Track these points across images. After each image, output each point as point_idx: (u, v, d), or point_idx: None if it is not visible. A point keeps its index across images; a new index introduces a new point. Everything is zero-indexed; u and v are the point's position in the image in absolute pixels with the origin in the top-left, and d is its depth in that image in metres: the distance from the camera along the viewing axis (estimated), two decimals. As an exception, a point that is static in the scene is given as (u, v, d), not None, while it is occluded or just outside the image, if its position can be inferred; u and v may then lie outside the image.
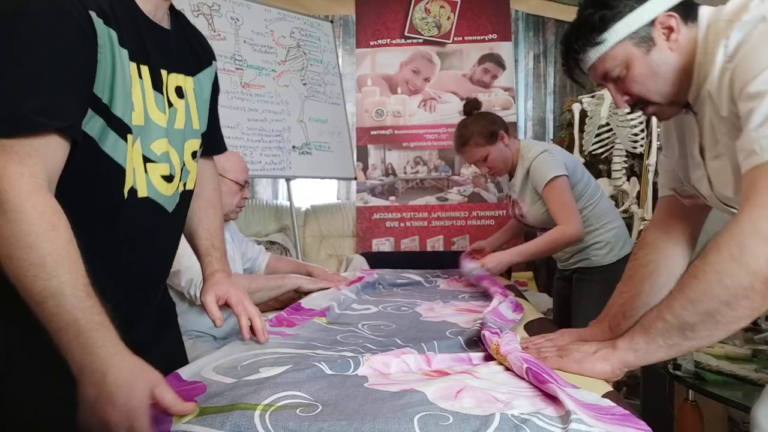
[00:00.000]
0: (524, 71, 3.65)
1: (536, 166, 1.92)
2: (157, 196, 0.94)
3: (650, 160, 2.63)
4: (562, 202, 1.86)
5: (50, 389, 0.85)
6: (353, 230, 3.36)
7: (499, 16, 3.33)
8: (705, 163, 1.00)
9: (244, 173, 1.89)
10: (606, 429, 0.66)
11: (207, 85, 1.08)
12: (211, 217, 1.15)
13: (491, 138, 1.96)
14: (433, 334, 1.20)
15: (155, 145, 0.91)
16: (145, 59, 0.89)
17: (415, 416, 0.68)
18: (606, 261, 1.99)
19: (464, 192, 3.29)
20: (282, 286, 1.79)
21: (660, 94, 0.98)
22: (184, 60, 1.00)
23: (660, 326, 0.85)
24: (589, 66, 1.01)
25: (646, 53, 0.96)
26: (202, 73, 1.06)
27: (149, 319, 1.04)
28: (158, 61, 0.92)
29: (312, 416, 0.70)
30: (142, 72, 0.88)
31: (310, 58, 3.20)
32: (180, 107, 0.98)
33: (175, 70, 0.97)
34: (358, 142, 3.34)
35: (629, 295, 1.15)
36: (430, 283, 2.10)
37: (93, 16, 0.79)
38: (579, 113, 2.93)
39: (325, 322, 1.32)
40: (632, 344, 0.89)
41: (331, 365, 0.88)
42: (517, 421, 0.66)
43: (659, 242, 1.17)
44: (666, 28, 0.95)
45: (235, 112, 2.79)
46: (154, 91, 0.91)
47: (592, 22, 0.96)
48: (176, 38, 0.99)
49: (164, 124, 0.93)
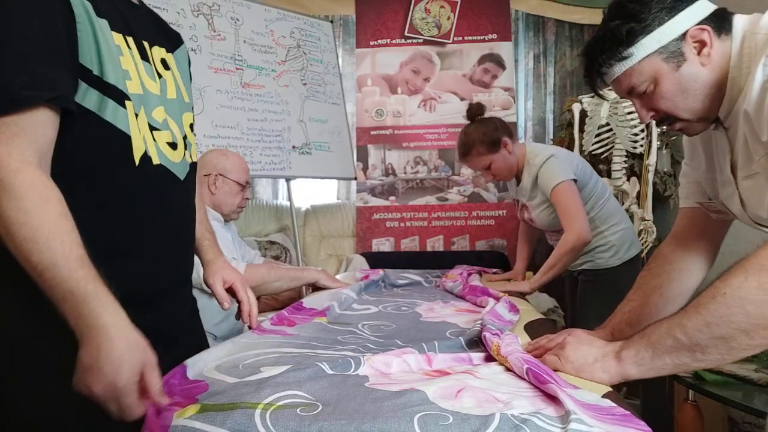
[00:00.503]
0: (524, 71, 3.65)
1: (544, 172, 1.91)
2: (168, 163, 0.96)
3: (650, 160, 2.64)
4: (567, 207, 1.86)
5: (50, 389, 0.85)
6: (353, 230, 3.36)
7: (499, 16, 3.34)
8: (736, 181, 0.95)
9: (246, 174, 1.89)
10: (606, 429, 0.66)
11: (184, 61, 1.09)
12: (198, 203, 1.15)
13: (494, 146, 1.94)
14: (433, 335, 1.20)
15: (155, 112, 0.93)
16: (129, 30, 0.90)
17: (415, 416, 0.68)
18: (611, 264, 1.98)
19: (464, 192, 3.29)
20: (301, 278, 1.79)
21: (689, 111, 0.93)
22: (161, 35, 1.02)
23: (669, 344, 0.81)
24: (614, 80, 0.95)
25: (675, 69, 0.90)
26: (178, 50, 1.07)
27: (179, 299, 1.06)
28: (139, 33, 0.93)
29: (312, 415, 0.70)
30: (129, 42, 0.89)
31: (310, 58, 3.20)
32: (168, 78, 0.99)
33: (156, 43, 0.99)
34: (358, 142, 3.34)
35: (636, 304, 1.12)
36: (430, 283, 2.10)
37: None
38: (579, 113, 2.93)
39: (325, 321, 1.32)
40: (637, 358, 0.85)
41: (332, 365, 0.88)
42: (517, 421, 0.67)
43: (675, 255, 1.13)
44: (698, 42, 0.89)
45: (235, 112, 2.79)
46: (142, 61, 0.92)
47: (619, 35, 0.90)
48: (148, 14, 1.01)
49: (158, 93, 0.95)
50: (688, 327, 0.79)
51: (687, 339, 0.79)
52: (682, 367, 0.82)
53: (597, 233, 1.98)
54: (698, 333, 0.78)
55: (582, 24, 3.54)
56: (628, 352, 0.86)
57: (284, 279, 1.75)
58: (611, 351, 0.89)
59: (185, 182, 1.02)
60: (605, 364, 0.87)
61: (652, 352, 0.83)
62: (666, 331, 0.82)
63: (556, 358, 0.92)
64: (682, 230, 1.14)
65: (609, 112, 2.71)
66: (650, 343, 0.84)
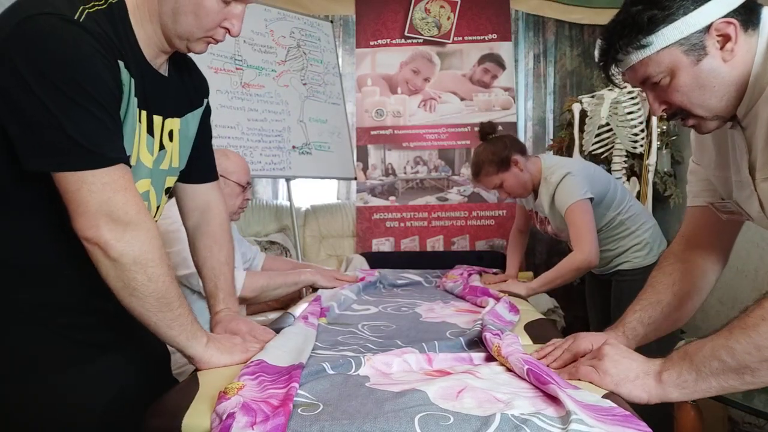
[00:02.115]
0: (524, 71, 3.65)
1: (560, 191, 1.91)
2: None
3: (650, 160, 2.64)
4: (579, 228, 1.85)
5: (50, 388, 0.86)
6: (353, 230, 3.36)
7: (499, 16, 3.34)
8: (755, 183, 0.91)
9: (247, 175, 1.89)
10: (606, 429, 0.66)
11: (194, 124, 1.11)
12: (215, 254, 1.18)
13: (503, 165, 1.94)
14: (433, 335, 1.20)
15: (139, 184, 0.95)
16: (145, 105, 0.93)
17: (416, 416, 0.68)
18: (647, 262, 1.97)
19: (464, 192, 3.29)
20: (298, 282, 1.86)
21: (704, 107, 0.88)
22: (177, 103, 1.04)
23: (715, 366, 0.78)
24: (629, 67, 0.90)
25: (695, 62, 0.84)
26: (191, 113, 1.09)
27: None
28: (155, 107, 0.97)
29: (313, 415, 0.70)
30: (142, 117, 0.93)
31: (310, 58, 3.20)
32: (170, 150, 1.03)
33: (172, 114, 1.02)
34: (358, 142, 3.34)
35: (648, 303, 1.09)
36: (430, 283, 2.10)
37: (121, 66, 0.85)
38: (579, 113, 2.93)
39: (325, 322, 1.32)
40: (679, 380, 0.81)
41: (333, 365, 0.88)
42: (517, 421, 0.67)
43: (686, 254, 1.11)
44: (722, 36, 0.83)
45: (235, 112, 2.79)
46: (147, 135, 0.96)
47: (640, 22, 0.85)
48: (173, 84, 1.03)
49: (150, 165, 0.98)
50: (736, 350, 0.76)
51: (735, 362, 0.77)
52: (728, 390, 0.79)
53: (630, 233, 1.99)
54: (747, 356, 0.76)
55: (582, 24, 3.54)
56: (669, 374, 0.83)
57: (283, 286, 1.82)
58: (652, 371, 0.85)
59: None
60: (646, 383, 0.84)
61: (696, 375, 0.80)
62: (710, 353, 0.79)
63: (592, 369, 0.88)
64: (693, 229, 1.12)
65: (609, 112, 2.71)
66: (693, 366, 0.81)
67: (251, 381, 0.80)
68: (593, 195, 1.90)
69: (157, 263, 0.85)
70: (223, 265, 1.18)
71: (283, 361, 0.88)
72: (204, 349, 0.94)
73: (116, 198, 0.82)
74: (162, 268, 0.86)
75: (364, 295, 1.77)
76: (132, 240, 0.82)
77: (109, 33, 0.84)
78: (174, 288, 0.88)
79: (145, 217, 0.85)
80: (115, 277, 0.83)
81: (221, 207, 1.22)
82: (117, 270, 0.82)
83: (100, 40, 0.81)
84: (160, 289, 0.85)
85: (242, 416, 0.68)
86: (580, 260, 1.83)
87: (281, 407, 0.69)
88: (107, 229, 0.81)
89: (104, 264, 0.82)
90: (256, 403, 0.72)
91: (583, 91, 3.30)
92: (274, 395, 0.74)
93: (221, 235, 1.20)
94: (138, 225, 0.83)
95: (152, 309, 0.86)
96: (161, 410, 0.79)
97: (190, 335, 0.92)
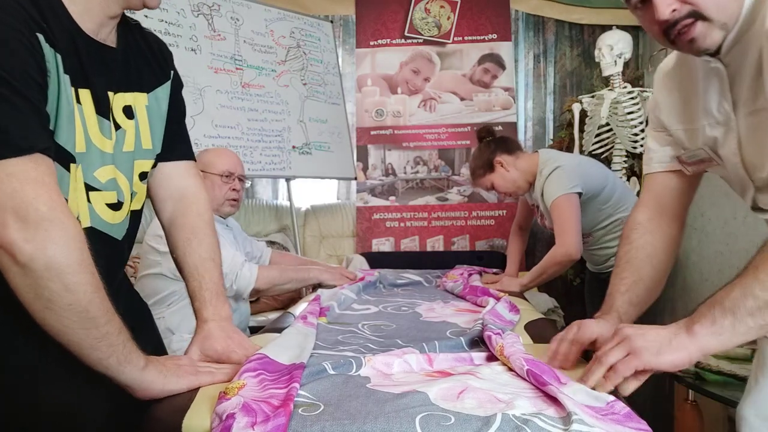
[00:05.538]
0: (524, 71, 3.65)
1: (548, 184, 1.93)
2: (103, 225, 0.91)
3: (650, 160, 2.63)
4: (562, 222, 1.87)
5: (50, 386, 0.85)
6: (353, 230, 3.36)
7: (499, 16, 3.33)
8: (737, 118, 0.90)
9: (227, 163, 1.84)
10: (607, 429, 0.66)
11: (164, 99, 1.02)
12: (195, 249, 1.05)
13: (489, 167, 2.04)
14: (433, 335, 1.20)
15: (99, 172, 0.88)
16: (85, 83, 0.84)
17: (417, 416, 0.68)
18: None
19: (464, 192, 3.29)
20: (307, 279, 1.91)
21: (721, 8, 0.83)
22: (134, 77, 0.96)
23: (750, 305, 0.76)
24: None
25: None
26: (159, 88, 1.00)
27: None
28: (102, 82, 0.87)
29: (314, 416, 0.70)
30: (82, 97, 0.84)
31: (310, 58, 3.20)
32: (129, 128, 0.94)
33: (123, 89, 0.93)
34: (358, 142, 3.34)
35: (631, 281, 1.08)
36: (430, 283, 2.10)
37: (41, 40, 0.76)
38: (579, 113, 2.93)
39: (325, 321, 1.32)
40: (714, 328, 0.78)
41: (334, 365, 0.88)
42: (518, 421, 0.67)
43: (652, 222, 1.11)
44: None
45: (235, 112, 2.79)
46: (98, 116, 0.87)
47: None
48: (124, 55, 0.94)
49: (111, 150, 0.90)
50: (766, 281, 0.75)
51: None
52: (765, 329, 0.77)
53: None
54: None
55: (582, 24, 3.54)
56: (702, 325, 0.79)
57: (293, 281, 1.86)
58: (682, 328, 0.82)
59: (123, 241, 0.97)
60: (680, 343, 0.80)
61: (732, 318, 0.77)
62: (741, 293, 0.77)
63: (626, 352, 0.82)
64: (655, 197, 1.12)
65: (609, 112, 2.71)
66: (726, 309, 0.78)
67: (252, 379, 0.80)
68: (583, 190, 1.90)
69: (76, 269, 0.72)
70: (205, 261, 1.04)
71: (284, 357, 0.88)
72: (141, 374, 0.81)
73: (25, 191, 0.69)
74: (83, 276, 0.73)
75: (364, 295, 1.77)
76: (44, 241, 0.69)
77: (24, 3, 0.75)
78: (99, 299, 0.75)
79: (61, 215, 0.72)
80: (25, 286, 0.70)
81: (200, 195, 1.09)
82: (27, 277, 0.70)
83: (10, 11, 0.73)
84: (80, 301, 0.72)
85: (243, 416, 0.68)
86: (561, 254, 1.84)
87: (282, 407, 0.69)
88: (15, 228, 0.69)
89: (12, 271, 0.70)
90: (257, 403, 0.72)
91: (583, 91, 3.30)
92: (274, 395, 0.74)
93: (201, 227, 1.07)
94: (52, 223, 0.70)
95: (72, 325, 0.73)
96: (161, 411, 0.79)
97: (122, 358, 0.78)
